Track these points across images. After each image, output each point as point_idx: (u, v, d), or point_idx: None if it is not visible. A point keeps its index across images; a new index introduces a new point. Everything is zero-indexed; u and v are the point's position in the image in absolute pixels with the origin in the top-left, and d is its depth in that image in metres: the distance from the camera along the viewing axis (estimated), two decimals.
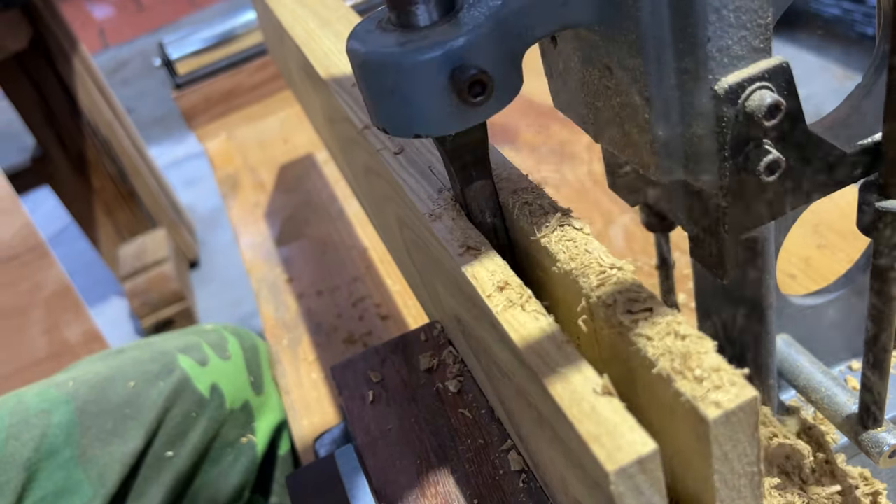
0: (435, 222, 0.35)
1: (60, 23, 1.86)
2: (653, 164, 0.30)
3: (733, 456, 0.24)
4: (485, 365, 0.36)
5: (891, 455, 0.38)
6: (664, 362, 0.24)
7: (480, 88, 0.27)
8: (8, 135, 3.09)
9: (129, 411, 0.64)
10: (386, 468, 0.38)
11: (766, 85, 0.27)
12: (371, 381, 0.43)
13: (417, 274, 0.46)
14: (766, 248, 0.39)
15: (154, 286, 1.99)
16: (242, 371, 0.73)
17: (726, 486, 0.25)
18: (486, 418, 0.39)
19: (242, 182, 1.16)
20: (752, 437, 0.24)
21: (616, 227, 0.80)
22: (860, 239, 0.36)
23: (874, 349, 0.36)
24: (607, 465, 0.22)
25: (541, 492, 0.34)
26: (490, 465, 0.37)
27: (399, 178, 0.40)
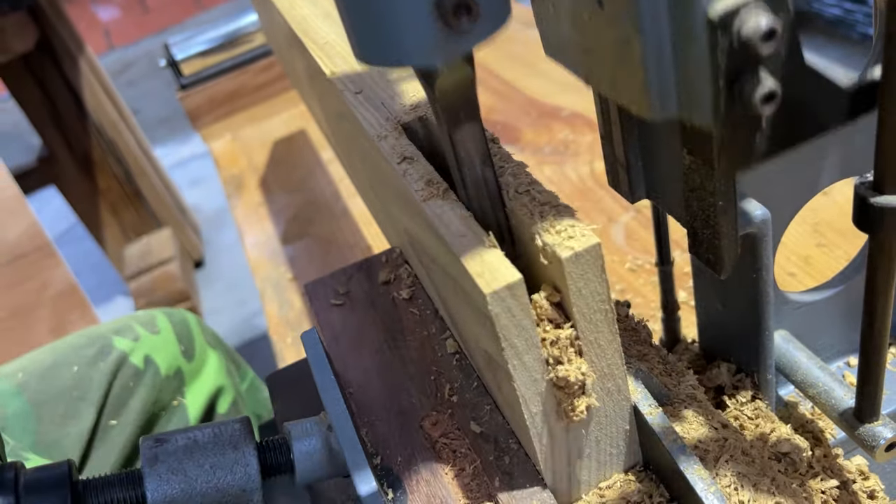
0: (381, 142, 0.42)
1: (66, 24, 1.87)
2: (645, 101, 0.29)
3: (586, 292, 0.31)
4: (425, 264, 0.43)
5: (887, 449, 0.39)
6: (537, 223, 0.31)
7: (465, 11, 0.26)
8: (14, 135, 3.10)
9: (77, 393, 0.70)
10: (346, 356, 0.46)
11: (762, 7, 0.26)
12: (338, 292, 0.51)
13: (378, 202, 0.52)
14: (764, 243, 0.40)
15: (159, 286, 2.00)
16: (172, 342, 0.81)
17: (584, 318, 0.31)
18: (430, 316, 0.47)
19: (247, 182, 1.16)
20: (600, 277, 0.31)
21: (617, 226, 0.81)
22: (859, 237, 0.36)
23: (870, 344, 0.36)
24: (485, 289, 0.29)
25: (469, 367, 0.43)
26: (431, 350, 0.45)
27: (357, 112, 0.46)
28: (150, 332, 0.79)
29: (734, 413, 0.45)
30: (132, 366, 0.75)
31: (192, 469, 0.36)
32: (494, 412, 0.40)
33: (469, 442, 0.40)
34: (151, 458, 0.36)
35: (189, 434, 0.37)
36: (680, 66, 0.28)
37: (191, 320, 0.86)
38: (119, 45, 3.95)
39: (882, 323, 0.35)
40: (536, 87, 1.11)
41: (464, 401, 0.41)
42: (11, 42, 1.70)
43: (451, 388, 0.42)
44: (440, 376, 0.43)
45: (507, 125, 1.06)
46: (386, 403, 0.43)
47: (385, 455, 0.41)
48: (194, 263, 2.28)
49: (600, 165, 0.92)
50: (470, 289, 0.31)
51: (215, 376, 0.84)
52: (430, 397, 0.43)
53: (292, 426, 0.39)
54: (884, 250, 0.33)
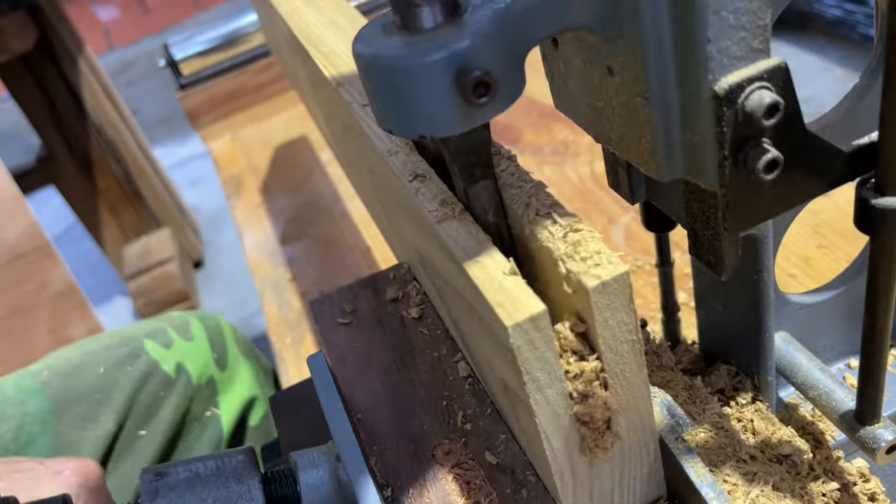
0: (391, 158, 0.40)
1: (66, 24, 1.87)
2: (653, 163, 0.31)
3: (613, 323, 0.29)
4: (436, 284, 0.41)
5: (888, 451, 0.39)
6: (560, 249, 0.29)
7: (485, 89, 0.27)
8: (13, 135, 3.10)
9: (100, 396, 0.68)
10: (353, 378, 0.44)
11: (765, 85, 0.28)
12: (344, 310, 0.49)
13: (385, 217, 0.51)
14: (765, 245, 0.40)
15: (158, 286, 2.00)
16: (206, 349, 0.78)
17: (610, 350, 0.30)
18: (441, 337, 0.45)
19: (246, 182, 1.16)
20: (628, 306, 0.29)
21: (617, 227, 0.80)
22: (860, 239, 0.36)
23: (871, 346, 0.36)
24: (506, 321, 0.27)
25: (483, 392, 0.41)
26: (442, 373, 0.43)
27: (365, 125, 0.44)
28: (183, 338, 0.76)
29: (736, 415, 0.45)
30: (163, 374, 0.72)
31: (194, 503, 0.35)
32: (510, 441, 0.38)
33: (484, 473, 0.38)
34: (152, 493, 0.35)
35: (191, 466, 0.36)
36: (687, 134, 0.29)
37: (224, 327, 0.83)
38: (118, 45, 3.95)
39: (883, 324, 0.35)
40: (537, 88, 1.11)
41: (478, 428, 0.39)
42: (11, 42, 1.70)
43: (465, 415, 0.40)
44: (452, 401, 0.41)
45: (507, 125, 1.06)
46: (396, 430, 0.41)
47: (396, 486, 0.39)
48: (193, 263, 2.28)
49: (600, 166, 0.92)
50: (489, 318, 0.30)
51: (248, 386, 0.81)
52: (442, 424, 0.41)
53: (299, 456, 0.38)
54: (885, 252, 0.33)
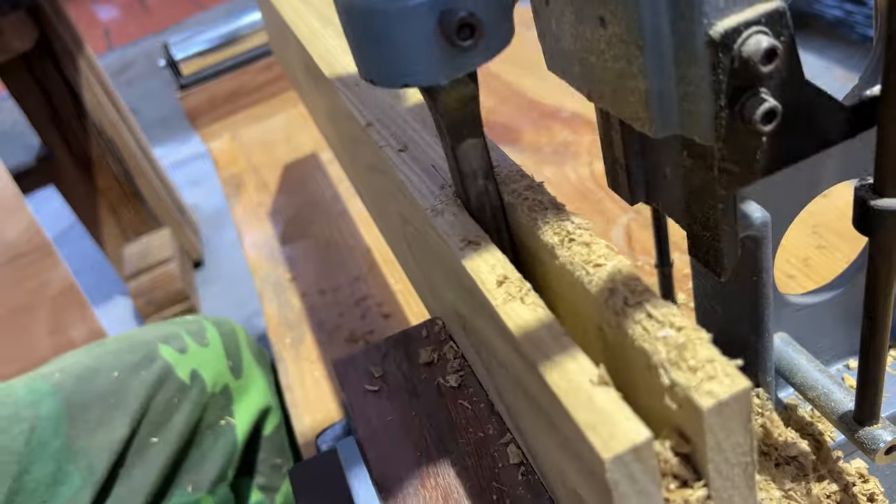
0: (436, 217, 0.36)
1: (66, 23, 1.87)
2: (647, 118, 0.29)
3: (727, 446, 0.24)
4: (484, 359, 0.36)
5: (887, 452, 0.39)
6: (661, 353, 0.24)
7: (469, 31, 0.26)
8: (13, 134, 3.10)
9: (113, 401, 0.66)
10: (386, 460, 0.39)
11: (763, 29, 0.26)
12: (373, 375, 0.44)
13: (419, 270, 0.46)
14: (764, 246, 0.40)
15: (158, 285, 2.00)
16: (221, 356, 0.76)
17: (720, 475, 0.25)
18: (485, 412, 0.39)
19: (246, 182, 1.16)
20: (746, 427, 0.24)
21: (617, 227, 0.80)
22: (859, 240, 0.36)
23: (870, 347, 0.36)
24: (603, 452, 0.22)
25: (539, 484, 0.35)
26: (489, 458, 0.37)
27: (402, 174, 0.41)
28: (199, 344, 0.75)
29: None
30: (178, 379, 0.70)
31: None
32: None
33: None
34: None
35: None
36: (681, 84, 0.28)
37: (239, 333, 0.82)
38: (118, 44, 3.95)
39: (882, 325, 0.35)
40: (536, 88, 1.11)
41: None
42: (11, 41, 1.70)
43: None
44: (503, 496, 0.36)
45: (507, 126, 1.06)
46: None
47: None
48: (193, 263, 2.28)
49: (600, 167, 0.92)
50: (571, 435, 0.25)
51: (262, 395, 0.80)
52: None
53: None
54: (884, 253, 0.33)
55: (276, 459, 0.80)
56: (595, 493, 0.25)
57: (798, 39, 0.28)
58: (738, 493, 0.26)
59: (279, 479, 0.80)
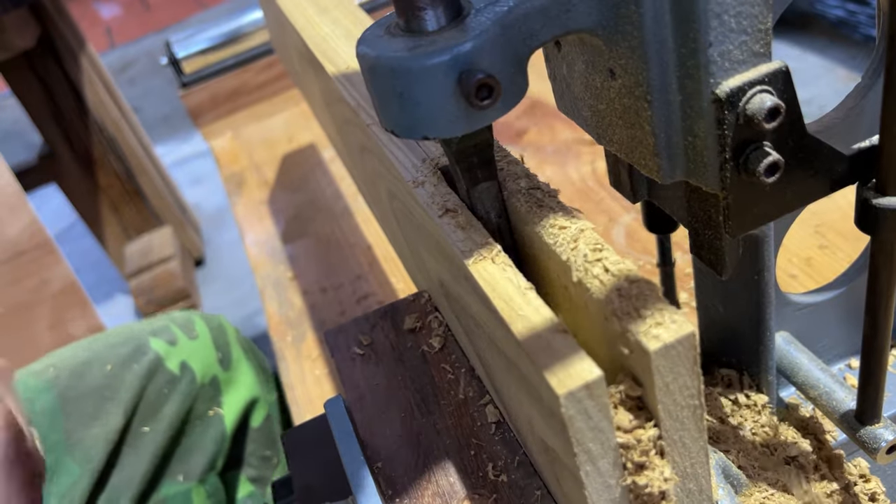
0: (418, 189, 0.38)
1: (68, 21, 1.87)
2: (655, 165, 0.31)
3: (675, 387, 0.26)
4: (464, 323, 0.38)
5: (888, 451, 0.39)
6: (615, 303, 0.26)
7: (487, 92, 0.27)
8: (15, 132, 3.10)
9: (107, 393, 0.68)
10: (372, 421, 0.41)
11: (767, 88, 0.28)
12: (361, 343, 0.46)
13: (407, 245, 0.48)
14: (766, 245, 0.40)
15: (160, 284, 2.00)
16: (210, 348, 0.78)
17: (670, 416, 0.27)
18: (466, 376, 0.42)
19: (248, 180, 1.16)
20: (692, 370, 0.26)
21: (619, 227, 0.81)
22: (861, 239, 0.36)
23: (872, 346, 0.36)
24: (558, 389, 0.24)
25: (514, 441, 0.37)
26: (469, 418, 0.40)
27: (388, 150, 0.43)
28: (188, 336, 0.77)
29: (739, 417, 0.45)
30: (168, 371, 0.73)
31: None
32: (546, 499, 0.35)
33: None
34: None
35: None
36: (688, 137, 0.29)
37: (227, 327, 0.84)
38: (120, 42, 3.95)
39: (884, 325, 0.35)
40: (538, 88, 1.11)
41: (510, 483, 0.37)
42: (13, 39, 1.70)
43: (495, 467, 0.37)
44: (481, 451, 0.38)
45: (509, 125, 1.06)
46: (420, 482, 0.38)
47: None
48: (195, 262, 2.28)
49: (602, 165, 0.92)
50: (533, 378, 0.27)
51: (250, 387, 0.82)
52: (469, 476, 0.38)
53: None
54: (886, 252, 0.33)
55: (265, 451, 0.82)
56: (556, 433, 0.27)
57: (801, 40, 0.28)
58: (688, 434, 0.28)
59: (269, 471, 0.81)
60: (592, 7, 0.28)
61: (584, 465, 0.27)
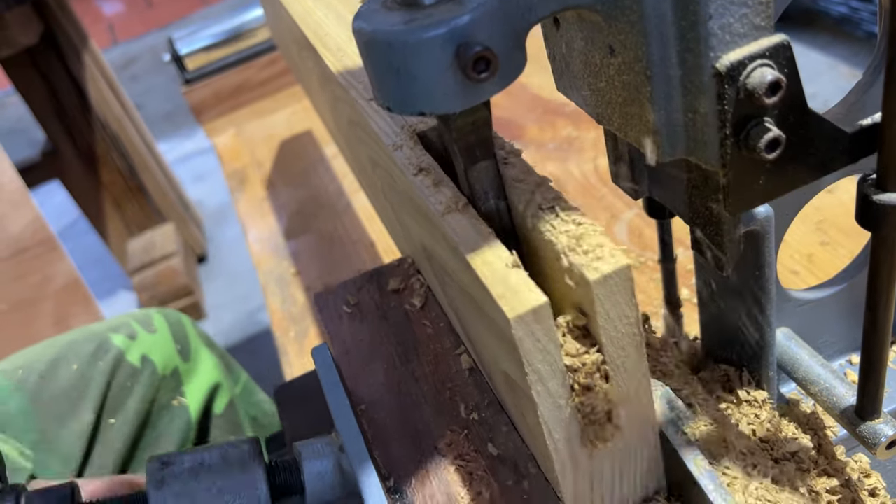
0: (396, 152, 0.40)
1: (71, 18, 1.87)
2: (655, 143, 0.30)
3: (614, 315, 0.29)
4: (440, 278, 0.41)
5: (888, 446, 0.39)
6: (563, 242, 0.30)
7: (485, 65, 0.27)
8: (18, 129, 3.11)
9: (76, 393, 0.71)
10: (357, 371, 0.45)
11: (767, 62, 0.27)
12: (349, 303, 0.49)
13: (391, 210, 0.51)
14: (767, 241, 0.40)
15: (162, 280, 2.01)
16: (169, 341, 0.81)
17: (612, 343, 0.30)
18: (444, 330, 0.45)
19: (250, 177, 1.16)
20: (630, 300, 0.29)
21: (620, 223, 0.81)
22: (862, 235, 0.36)
23: (872, 342, 0.36)
24: (509, 314, 0.28)
25: (485, 384, 0.42)
26: (445, 366, 0.44)
27: (370, 118, 0.45)
28: (146, 330, 0.80)
29: (739, 412, 0.46)
30: (129, 365, 0.76)
31: (199, 492, 0.35)
32: (512, 433, 0.39)
33: (486, 464, 0.38)
34: (158, 481, 0.35)
35: (196, 456, 0.37)
36: (688, 113, 0.29)
37: (185, 321, 0.87)
38: (123, 39, 3.95)
39: (884, 320, 0.35)
40: (541, 84, 1.11)
41: (480, 420, 0.40)
42: (16, 36, 1.71)
43: (467, 407, 0.41)
44: (455, 394, 0.42)
45: (511, 122, 1.06)
46: (399, 422, 0.42)
47: (398, 477, 0.39)
48: (197, 258, 2.29)
49: (604, 162, 0.92)
50: (491, 311, 0.30)
51: (211, 374, 0.85)
52: (444, 416, 0.41)
53: (303, 447, 0.38)
54: (886, 248, 0.33)
55: (230, 437, 0.84)
56: (512, 359, 0.30)
57: (803, 36, 0.28)
58: (630, 360, 0.31)
59: None
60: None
61: (535, 385, 0.30)
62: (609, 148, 0.41)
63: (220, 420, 0.84)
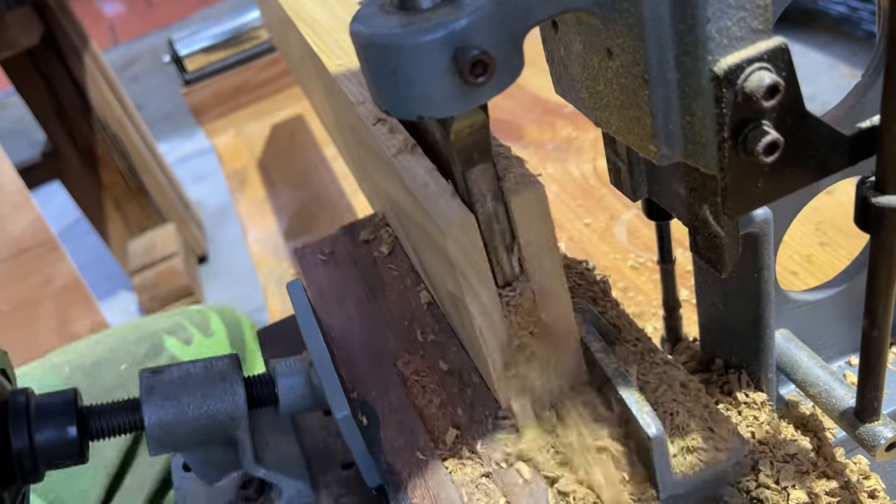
0: (360, 107, 0.44)
1: (71, 19, 1.87)
2: (653, 146, 0.30)
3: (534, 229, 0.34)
4: (403, 224, 0.45)
5: (888, 448, 0.39)
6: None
7: (482, 69, 0.27)
8: (19, 130, 3.11)
9: (120, 393, 0.67)
10: (330, 307, 0.50)
11: (765, 66, 0.27)
12: (324, 252, 0.55)
13: (364, 173, 0.55)
14: (765, 243, 0.40)
15: (163, 281, 2.01)
16: (226, 346, 0.78)
17: (531, 251, 0.35)
18: (407, 271, 0.50)
19: (250, 177, 1.16)
20: (545, 216, 0.34)
21: (620, 224, 0.81)
22: (862, 236, 0.36)
23: (871, 344, 0.36)
24: (445, 230, 0.32)
25: (440, 314, 0.46)
26: (407, 302, 0.49)
27: (343, 84, 0.48)
28: (203, 334, 0.76)
29: (738, 414, 0.45)
30: None
31: (185, 397, 0.39)
32: (461, 352, 0.44)
33: (437, 378, 0.43)
34: (148, 388, 0.39)
35: (182, 367, 0.41)
36: (686, 116, 0.29)
37: (244, 323, 0.83)
38: (123, 40, 3.95)
39: (883, 322, 0.35)
40: (540, 85, 1.11)
41: (434, 343, 0.45)
42: (16, 37, 1.71)
43: (423, 332, 0.46)
44: (413, 322, 0.47)
45: (510, 122, 1.06)
46: (364, 345, 0.47)
47: (361, 390, 0.44)
48: (198, 258, 2.29)
49: (603, 163, 0.92)
50: (433, 231, 0.35)
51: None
52: (403, 341, 0.46)
53: (277, 363, 0.42)
54: (885, 250, 0.33)
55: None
56: (448, 272, 0.35)
57: (803, 36, 0.28)
58: (547, 261, 0.35)
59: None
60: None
61: (467, 291, 0.34)
62: (608, 150, 0.41)
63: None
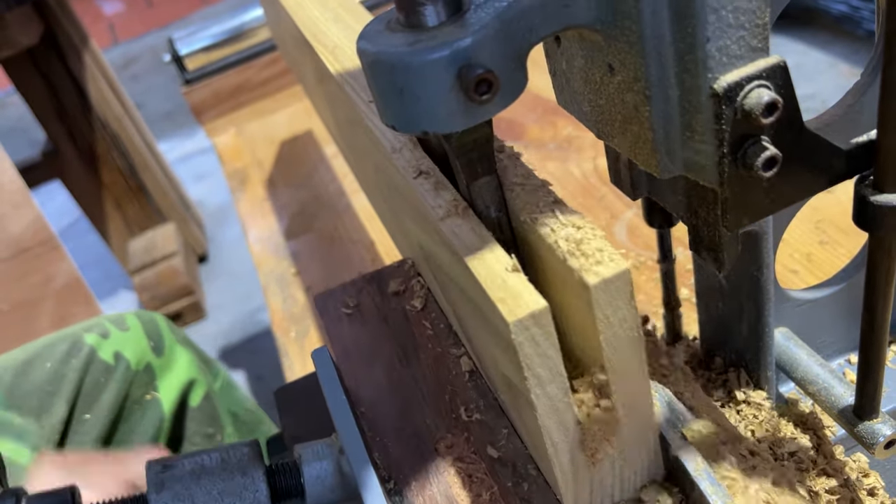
0: (395, 155, 0.40)
1: (71, 18, 1.87)
2: (653, 160, 0.31)
3: (615, 320, 0.29)
4: (440, 280, 0.41)
5: (886, 446, 0.39)
6: (563, 247, 0.30)
7: (486, 87, 0.28)
8: (19, 129, 3.11)
9: (50, 388, 0.74)
10: (357, 372, 0.45)
11: (764, 83, 0.28)
12: (348, 305, 0.49)
13: (390, 213, 0.51)
14: (765, 242, 0.40)
15: (163, 280, 2.01)
16: (142, 337, 0.84)
17: (611, 347, 0.30)
18: (444, 332, 0.45)
19: (251, 177, 1.17)
20: (630, 303, 0.29)
21: (620, 223, 0.81)
22: (861, 235, 0.36)
23: (870, 342, 0.36)
24: (508, 317, 0.28)
25: (485, 387, 0.42)
26: (445, 369, 0.43)
27: (370, 122, 0.44)
28: (119, 329, 0.82)
29: (738, 413, 0.46)
30: (102, 361, 0.78)
31: (199, 495, 0.35)
32: (512, 435, 0.39)
33: (486, 467, 0.38)
34: (158, 484, 0.35)
35: (196, 459, 0.37)
36: (686, 132, 0.30)
37: (159, 320, 0.89)
38: (123, 39, 3.95)
39: (882, 320, 0.35)
40: (541, 84, 1.11)
41: (480, 423, 0.40)
42: (16, 36, 1.71)
43: (467, 409, 0.41)
44: (455, 396, 0.42)
45: (511, 121, 1.06)
46: (399, 424, 0.42)
47: (398, 479, 0.39)
48: (198, 258, 2.29)
49: (603, 162, 0.92)
50: (491, 314, 0.30)
51: (186, 370, 0.87)
52: (444, 418, 0.41)
53: (303, 449, 0.38)
54: (883, 248, 0.33)
55: (207, 429, 0.87)
56: (509, 360, 0.30)
57: (803, 35, 0.29)
58: (629, 364, 0.31)
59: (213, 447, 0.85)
60: (591, 2, 0.29)
61: (534, 388, 0.30)
62: (608, 151, 0.41)
63: (197, 412, 0.86)
